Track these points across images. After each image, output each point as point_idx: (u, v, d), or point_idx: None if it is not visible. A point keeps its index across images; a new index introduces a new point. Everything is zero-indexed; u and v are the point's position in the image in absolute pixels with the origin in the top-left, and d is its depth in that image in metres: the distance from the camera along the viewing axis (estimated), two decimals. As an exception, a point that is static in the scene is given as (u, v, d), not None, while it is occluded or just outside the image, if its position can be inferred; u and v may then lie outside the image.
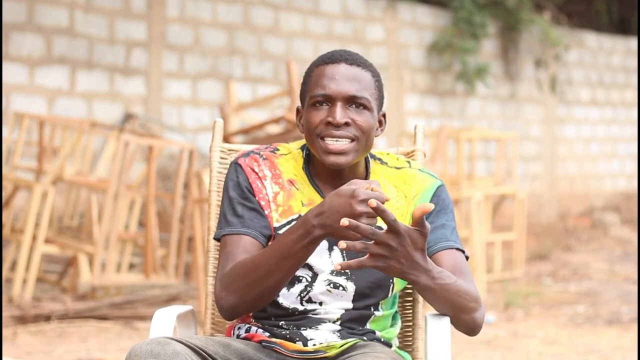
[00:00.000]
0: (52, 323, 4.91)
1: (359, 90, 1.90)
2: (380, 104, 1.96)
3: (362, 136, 1.90)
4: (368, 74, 1.94)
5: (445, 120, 9.63)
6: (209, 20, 7.96)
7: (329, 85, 1.90)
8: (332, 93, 1.89)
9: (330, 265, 1.92)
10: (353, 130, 1.90)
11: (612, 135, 11.87)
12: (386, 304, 1.98)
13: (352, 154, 1.90)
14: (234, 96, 6.28)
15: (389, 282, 1.93)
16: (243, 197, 1.95)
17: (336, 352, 1.89)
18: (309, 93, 1.93)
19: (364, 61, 1.94)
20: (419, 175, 2.01)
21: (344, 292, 1.92)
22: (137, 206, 5.84)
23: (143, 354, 1.70)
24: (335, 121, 1.88)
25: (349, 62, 1.92)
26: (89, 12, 7.22)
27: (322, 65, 1.93)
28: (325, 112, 1.90)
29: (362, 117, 1.90)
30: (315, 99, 1.91)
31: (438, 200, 1.98)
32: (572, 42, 10.99)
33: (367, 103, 1.91)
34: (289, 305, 1.92)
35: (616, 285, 6.90)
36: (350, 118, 1.89)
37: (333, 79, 1.90)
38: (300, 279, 1.93)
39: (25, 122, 5.64)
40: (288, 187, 1.97)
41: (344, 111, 1.89)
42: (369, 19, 9.18)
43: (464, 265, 1.93)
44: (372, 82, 1.94)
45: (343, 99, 1.90)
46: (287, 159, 2.01)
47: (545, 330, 5.20)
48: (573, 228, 10.09)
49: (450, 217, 1.98)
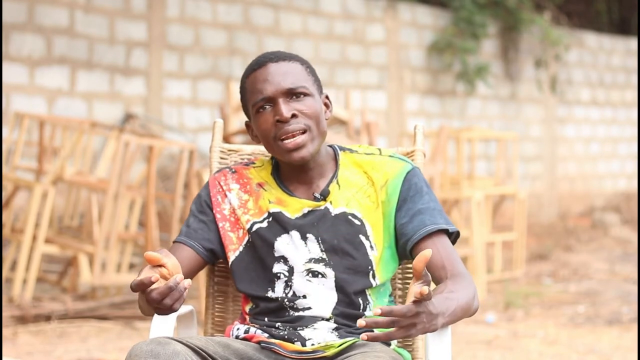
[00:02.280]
0: (52, 323, 4.91)
1: (293, 82, 1.94)
2: (318, 87, 2.00)
3: (312, 123, 1.94)
4: (296, 63, 1.98)
5: (445, 121, 9.63)
6: (209, 21, 7.96)
7: (265, 88, 1.94)
8: (270, 93, 1.93)
9: (308, 253, 1.95)
10: (302, 120, 1.93)
11: (612, 135, 11.88)
12: (376, 296, 1.98)
13: (310, 144, 1.94)
14: (234, 96, 6.28)
15: (367, 268, 1.95)
16: (199, 210, 2.04)
17: (335, 352, 1.89)
18: (250, 103, 1.97)
19: (288, 55, 1.99)
20: (388, 161, 2.02)
21: (325, 280, 1.94)
22: (137, 206, 5.84)
23: (143, 354, 1.70)
24: (283, 117, 1.92)
25: (274, 60, 1.96)
26: (89, 12, 7.22)
27: (252, 73, 1.97)
28: (270, 114, 1.94)
29: (306, 104, 1.94)
30: (258, 105, 1.95)
31: (410, 185, 1.98)
32: (572, 42, 10.99)
33: (305, 90, 1.95)
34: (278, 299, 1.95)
35: (616, 285, 6.90)
36: (295, 110, 1.93)
37: (266, 80, 1.94)
38: (278, 275, 1.96)
39: (25, 122, 5.65)
40: (257, 189, 2.03)
41: (287, 106, 1.93)
42: (369, 19, 9.18)
43: (447, 248, 1.93)
44: (303, 70, 1.98)
45: (282, 95, 1.93)
46: (259, 170, 2.07)
47: (546, 330, 5.20)
48: (573, 228, 10.09)
49: (425, 199, 1.97)
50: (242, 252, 2.00)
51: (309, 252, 1.95)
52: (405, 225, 1.95)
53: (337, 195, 1.99)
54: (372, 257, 1.95)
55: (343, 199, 1.98)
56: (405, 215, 1.96)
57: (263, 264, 1.97)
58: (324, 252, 1.95)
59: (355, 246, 1.95)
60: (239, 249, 2.00)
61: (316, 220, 1.96)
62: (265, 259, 1.97)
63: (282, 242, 1.96)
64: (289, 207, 1.99)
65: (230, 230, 2.01)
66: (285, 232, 1.97)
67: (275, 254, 1.96)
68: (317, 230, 1.96)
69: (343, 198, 1.98)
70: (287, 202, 1.99)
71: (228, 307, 2.19)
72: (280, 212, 1.98)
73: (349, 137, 6.03)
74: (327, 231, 1.95)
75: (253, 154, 2.21)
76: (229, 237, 2.01)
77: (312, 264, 1.95)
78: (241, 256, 2.00)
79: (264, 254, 1.97)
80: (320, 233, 1.95)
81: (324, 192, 1.99)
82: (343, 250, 1.95)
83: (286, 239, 1.96)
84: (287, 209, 1.98)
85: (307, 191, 2.00)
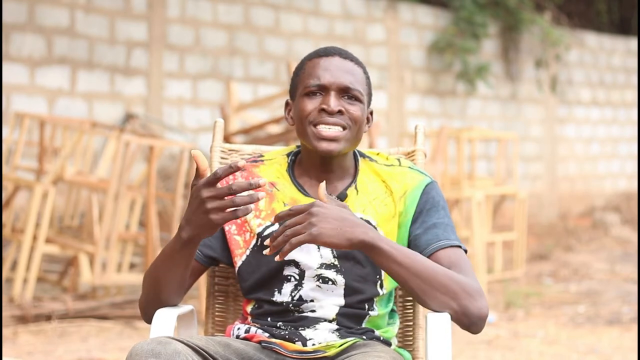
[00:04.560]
0: (53, 323, 4.92)
1: (352, 83, 1.94)
2: (369, 100, 2.00)
3: (353, 126, 1.94)
4: (360, 69, 1.98)
5: (445, 121, 9.63)
6: (210, 21, 7.97)
7: (324, 75, 1.93)
8: (327, 83, 1.93)
9: (320, 259, 1.93)
10: (346, 119, 1.93)
11: (612, 135, 11.87)
12: (380, 303, 1.98)
13: (344, 142, 1.93)
14: (235, 96, 6.28)
15: (376, 277, 1.94)
16: None
17: (336, 352, 1.89)
18: (302, 84, 1.96)
19: (356, 58, 1.99)
20: (408, 173, 2.01)
21: (334, 287, 1.92)
22: (138, 206, 5.84)
23: (144, 354, 1.70)
24: (330, 108, 1.91)
25: (343, 56, 1.96)
26: (89, 12, 7.22)
27: (316, 58, 1.97)
28: (318, 101, 1.94)
29: (355, 107, 1.94)
30: (309, 88, 1.94)
31: (427, 198, 1.98)
32: (572, 42, 10.99)
33: (360, 95, 1.95)
34: (283, 303, 1.93)
35: (617, 285, 6.90)
36: (343, 107, 1.93)
37: (327, 69, 1.94)
38: (289, 278, 1.94)
39: (26, 122, 5.65)
40: (269, 189, 2.00)
41: (337, 100, 1.93)
42: (369, 19, 9.18)
43: (461, 261, 1.91)
44: (364, 78, 1.98)
45: (337, 89, 1.93)
46: (269, 164, 2.04)
47: (546, 330, 5.20)
48: (573, 228, 10.09)
49: (441, 214, 1.97)
50: (249, 256, 1.98)
51: (320, 257, 1.93)
52: (419, 236, 1.93)
53: (354, 200, 1.97)
54: None
55: (360, 205, 1.97)
56: (419, 227, 1.95)
57: (270, 267, 1.95)
58: (336, 259, 1.93)
59: (366, 255, 1.94)
60: (245, 253, 1.98)
61: None
62: (273, 262, 1.93)
63: None
64: None
65: (237, 233, 1.99)
66: None
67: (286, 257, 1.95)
68: None
69: (360, 204, 1.97)
70: (302, 202, 1.96)
71: (229, 307, 2.18)
72: None
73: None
74: None
75: (253, 153, 2.19)
76: (235, 241, 1.99)
77: (324, 270, 1.93)
78: (248, 260, 1.98)
79: (272, 257, 1.93)
80: None
81: (341, 195, 1.97)
82: (355, 257, 1.93)
83: None
84: None
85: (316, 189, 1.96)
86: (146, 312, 1.96)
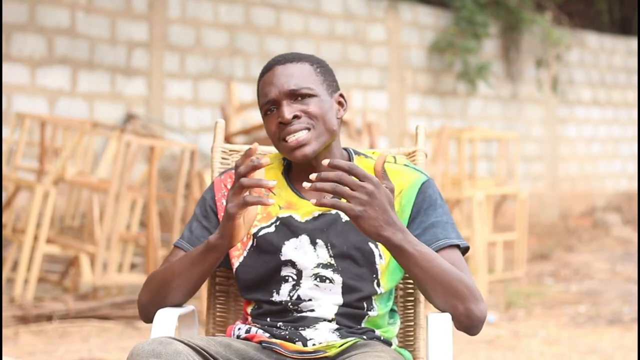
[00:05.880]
0: (54, 323, 4.92)
1: (297, 83, 1.95)
2: (329, 86, 2.00)
3: (317, 122, 1.94)
4: (304, 64, 1.98)
5: (446, 121, 9.63)
6: (210, 21, 7.97)
7: (270, 90, 1.96)
8: (274, 96, 1.95)
9: (316, 258, 1.93)
10: (305, 120, 1.94)
11: (613, 135, 11.87)
12: (380, 302, 1.97)
13: (314, 142, 1.94)
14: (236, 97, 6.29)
15: (372, 276, 1.93)
16: (203, 215, 2.03)
17: (336, 352, 1.89)
18: (260, 106, 2.00)
19: (298, 56, 1.99)
20: (403, 171, 2.01)
21: (332, 285, 1.93)
22: (139, 206, 5.85)
23: (145, 354, 1.70)
24: (284, 119, 1.93)
25: (282, 63, 1.98)
26: (90, 12, 7.22)
27: (262, 77, 2.00)
28: (275, 116, 1.96)
29: (310, 105, 1.94)
30: (265, 108, 1.97)
31: (424, 197, 1.98)
32: (573, 42, 10.99)
33: (309, 91, 1.95)
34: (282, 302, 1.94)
35: (617, 285, 6.90)
36: (298, 111, 1.94)
37: (271, 83, 1.96)
38: (286, 278, 1.94)
39: (26, 123, 5.65)
40: (265, 193, 1.99)
41: (290, 108, 1.94)
42: (370, 19, 9.18)
43: (458, 261, 1.91)
44: (311, 70, 1.98)
45: (285, 97, 1.94)
46: (268, 169, 2.06)
47: (547, 330, 5.20)
48: (574, 228, 10.09)
49: (439, 212, 1.97)
50: (246, 257, 1.98)
51: (317, 257, 1.94)
52: (418, 237, 1.91)
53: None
54: (379, 266, 1.94)
55: None
56: (418, 228, 1.94)
57: (268, 268, 1.95)
58: (333, 258, 1.94)
59: (363, 254, 1.93)
60: (242, 255, 1.99)
61: (326, 225, 1.95)
62: (270, 263, 1.94)
63: (290, 246, 1.94)
64: (299, 209, 1.97)
65: None
66: (294, 237, 1.95)
67: (282, 257, 1.94)
68: (327, 235, 1.94)
69: None
70: (298, 205, 1.98)
71: (229, 307, 2.19)
72: (289, 216, 1.97)
73: (350, 138, 6.03)
74: (336, 237, 1.94)
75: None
76: None
77: (321, 269, 1.93)
78: (245, 261, 1.98)
79: (269, 258, 1.95)
80: (329, 239, 1.94)
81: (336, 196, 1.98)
82: (351, 256, 1.94)
83: (294, 243, 1.95)
84: (297, 212, 1.97)
85: (318, 194, 1.92)
86: (147, 311, 1.96)
